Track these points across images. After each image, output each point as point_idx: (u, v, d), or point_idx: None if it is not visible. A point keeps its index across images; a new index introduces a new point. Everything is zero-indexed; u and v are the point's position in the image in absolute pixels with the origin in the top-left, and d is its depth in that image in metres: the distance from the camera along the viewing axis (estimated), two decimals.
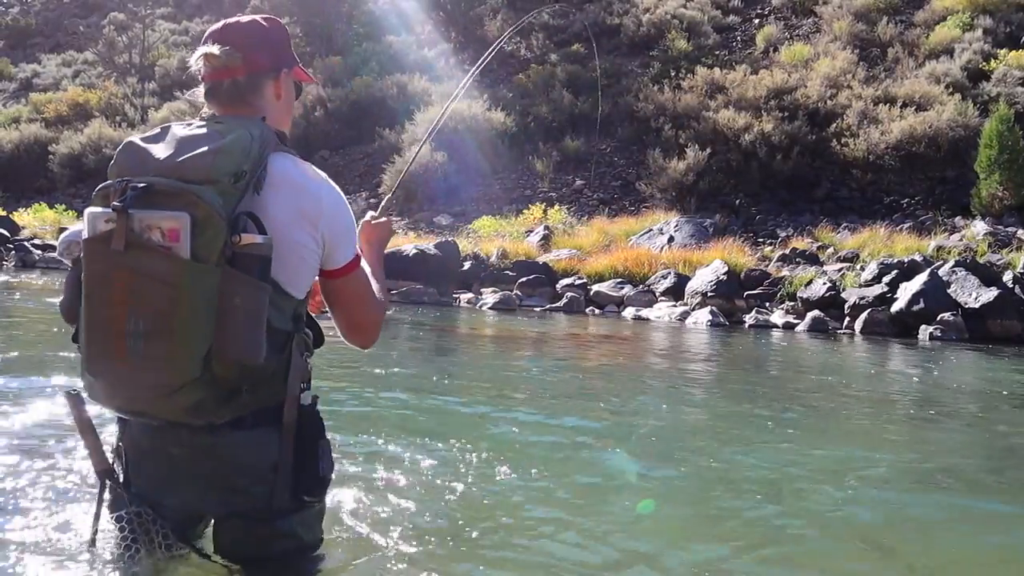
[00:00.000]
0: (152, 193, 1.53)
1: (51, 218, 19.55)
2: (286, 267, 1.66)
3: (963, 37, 18.11)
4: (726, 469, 3.43)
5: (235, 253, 1.53)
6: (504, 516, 2.65)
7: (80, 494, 2.52)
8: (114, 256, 1.53)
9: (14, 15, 41.28)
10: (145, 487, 1.77)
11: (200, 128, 1.66)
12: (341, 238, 1.76)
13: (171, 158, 1.60)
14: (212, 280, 1.52)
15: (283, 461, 1.70)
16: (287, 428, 1.70)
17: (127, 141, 1.71)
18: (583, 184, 17.91)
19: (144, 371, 1.55)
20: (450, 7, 26.21)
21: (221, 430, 1.66)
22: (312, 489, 1.75)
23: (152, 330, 1.52)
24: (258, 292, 1.56)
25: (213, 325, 1.53)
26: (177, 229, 1.50)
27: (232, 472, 1.70)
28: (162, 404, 1.59)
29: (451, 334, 8.78)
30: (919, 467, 3.72)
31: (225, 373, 1.56)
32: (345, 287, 1.82)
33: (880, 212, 14.62)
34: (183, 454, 1.69)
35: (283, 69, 1.84)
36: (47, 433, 3.31)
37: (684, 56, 20.61)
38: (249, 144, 1.60)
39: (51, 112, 26.99)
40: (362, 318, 1.88)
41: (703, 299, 11.25)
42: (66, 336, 1.83)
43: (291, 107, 1.90)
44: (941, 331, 9.47)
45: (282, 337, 1.68)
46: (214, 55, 1.75)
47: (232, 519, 1.75)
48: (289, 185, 1.67)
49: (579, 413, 4.57)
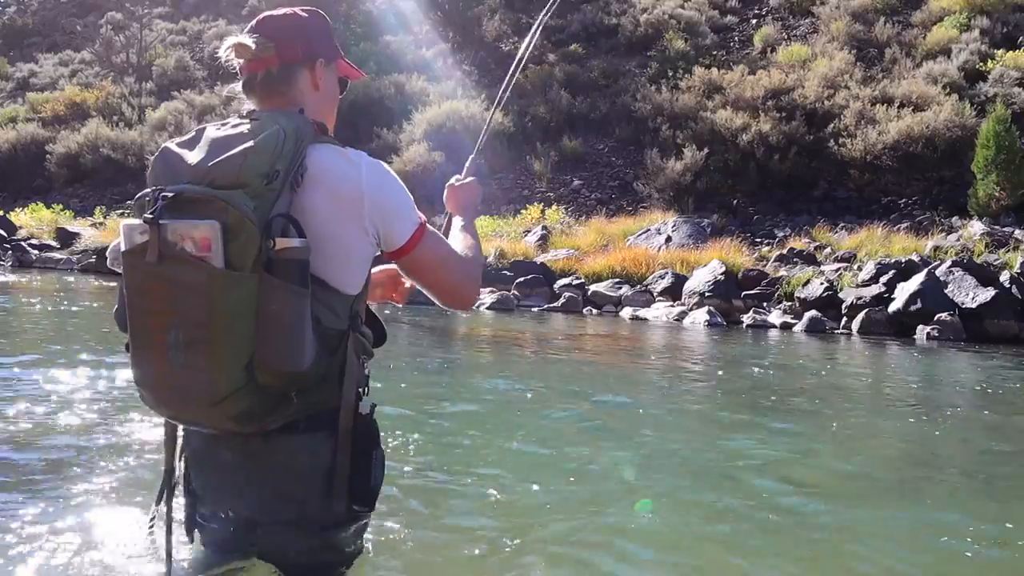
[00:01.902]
0: (182, 201, 1.48)
1: (48, 218, 19.51)
2: (332, 263, 1.61)
3: (960, 38, 18.13)
4: (724, 469, 3.43)
5: (271, 259, 1.48)
6: (505, 516, 2.65)
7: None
8: (149, 268, 1.50)
9: (11, 14, 41.20)
10: (200, 490, 1.75)
11: (233, 128, 1.61)
12: (393, 216, 1.67)
13: (202, 163, 1.55)
14: (249, 288, 1.47)
15: (339, 468, 1.63)
16: (343, 434, 1.63)
17: (163, 147, 1.65)
18: (581, 184, 17.91)
19: (187, 382, 1.51)
20: (448, 7, 26.19)
21: (273, 435, 1.61)
22: (364, 499, 1.67)
23: (191, 341, 1.49)
24: (297, 298, 1.50)
25: (253, 333, 1.48)
26: (208, 238, 1.46)
27: (283, 478, 1.65)
28: (208, 413, 1.55)
29: (449, 335, 8.77)
30: (919, 467, 3.72)
31: (269, 381, 1.51)
32: (418, 260, 1.73)
33: (877, 212, 14.64)
34: (235, 459, 1.66)
35: (319, 59, 1.77)
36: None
37: (682, 56, 20.61)
38: (280, 141, 1.54)
39: (48, 112, 26.94)
40: (448, 282, 1.78)
41: (700, 299, 11.25)
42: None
43: (332, 100, 1.83)
44: (938, 331, 9.48)
45: (335, 337, 1.62)
46: (244, 46, 1.70)
47: (280, 526, 1.68)
48: (328, 175, 1.61)
49: (577, 413, 4.57)
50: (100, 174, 23.12)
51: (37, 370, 4.74)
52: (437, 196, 2.16)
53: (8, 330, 7.08)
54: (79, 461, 2.96)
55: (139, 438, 3.29)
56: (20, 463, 2.91)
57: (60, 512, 2.40)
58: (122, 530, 2.27)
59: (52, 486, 2.65)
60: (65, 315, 8.52)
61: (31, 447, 3.12)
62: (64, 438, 3.25)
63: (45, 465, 2.89)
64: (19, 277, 13.46)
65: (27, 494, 2.57)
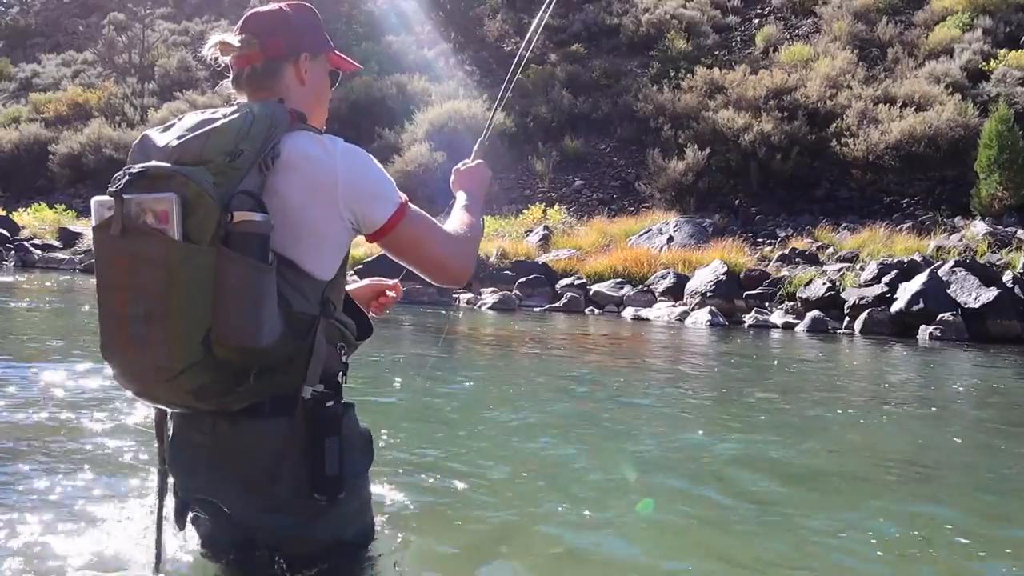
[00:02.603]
0: (147, 178, 1.52)
1: (51, 218, 19.55)
2: (304, 247, 1.63)
3: (963, 37, 18.11)
4: (725, 469, 3.43)
5: (230, 232, 1.50)
6: (506, 516, 2.65)
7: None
8: (113, 241, 1.54)
9: (14, 15, 41.26)
10: (175, 475, 1.75)
11: (209, 115, 1.65)
12: (369, 199, 1.68)
13: (170, 143, 1.60)
14: (206, 261, 1.49)
15: (285, 453, 1.64)
16: (297, 419, 1.64)
17: (143, 134, 1.71)
18: (583, 184, 17.92)
19: (145, 355, 1.53)
20: (449, 7, 26.21)
21: (239, 418, 1.63)
22: (322, 488, 1.66)
23: (150, 314, 1.51)
24: (255, 273, 1.51)
25: (210, 307, 1.50)
26: (167, 211, 1.49)
27: (246, 463, 1.65)
28: (165, 388, 1.57)
29: (449, 334, 8.77)
30: (925, 468, 3.72)
31: (226, 356, 1.52)
32: (399, 240, 1.73)
33: (880, 212, 14.62)
34: (204, 441, 1.66)
35: (303, 53, 1.79)
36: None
37: (683, 56, 20.60)
38: (246, 124, 1.58)
39: (51, 112, 27.00)
40: (434, 259, 1.78)
41: (702, 299, 11.25)
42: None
43: (320, 92, 1.84)
44: (941, 331, 9.47)
45: (305, 321, 1.62)
46: (227, 43, 1.75)
47: (255, 514, 1.69)
48: (302, 161, 1.63)
49: (577, 413, 4.58)
50: (102, 174, 23.11)
51: (37, 370, 4.75)
52: (439, 196, 2.16)
53: (8, 330, 7.10)
54: (75, 458, 2.96)
55: (138, 436, 3.29)
56: (19, 461, 2.91)
57: (60, 511, 2.40)
58: (121, 526, 2.28)
59: (53, 485, 2.65)
60: (66, 315, 8.54)
61: (31, 446, 3.12)
62: (62, 436, 3.26)
63: (43, 463, 2.90)
64: (22, 277, 13.48)
65: (28, 492, 2.57)
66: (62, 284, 12.55)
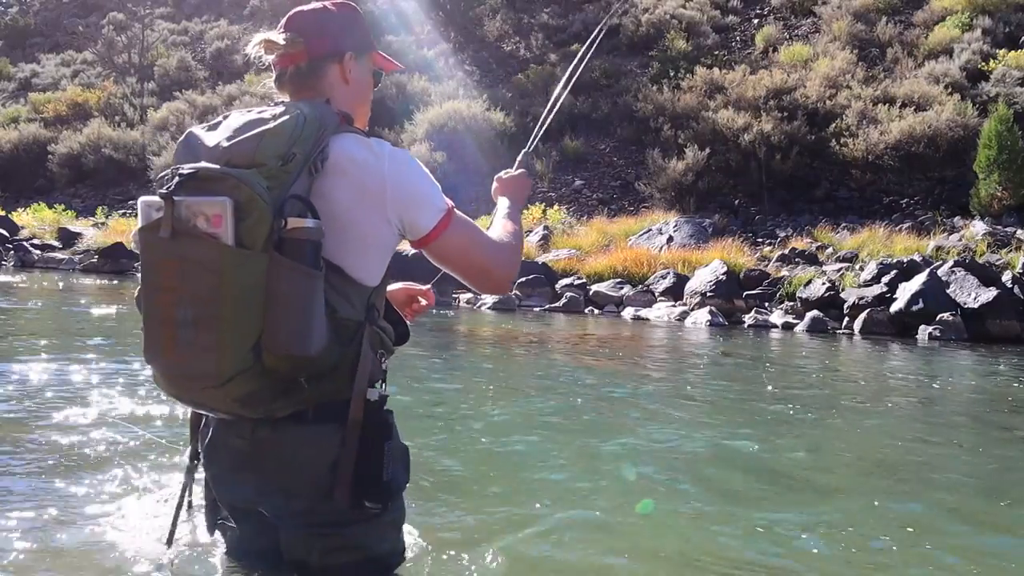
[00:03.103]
0: (198, 179, 1.49)
1: (50, 218, 19.54)
2: (351, 252, 1.61)
3: (962, 37, 18.11)
4: (725, 469, 3.43)
5: (283, 238, 1.47)
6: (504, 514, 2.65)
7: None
8: (162, 244, 1.50)
9: (13, 15, 41.25)
10: (211, 480, 1.73)
11: (257, 114, 1.61)
12: (417, 205, 1.66)
13: (220, 144, 1.57)
14: (258, 267, 1.46)
15: (344, 460, 1.60)
16: (352, 425, 1.60)
17: (188, 131, 1.67)
18: (582, 184, 17.91)
19: (193, 361, 1.50)
20: (449, 7, 26.21)
21: (282, 424, 1.59)
22: (374, 495, 1.62)
23: (199, 319, 1.48)
24: (307, 280, 1.48)
25: (262, 314, 1.47)
26: (220, 215, 1.46)
27: (289, 470, 1.62)
28: (212, 395, 1.54)
29: (450, 334, 8.78)
30: (922, 468, 3.72)
31: (276, 364, 1.49)
32: (444, 247, 1.70)
33: (879, 212, 14.62)
34: (243, 447, 1.63)
35: (348, 53, 1.76)
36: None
37: (683, 56, 20.60)
38: (299, 126, 1.54)
39: (50, 112, 26.97)
40: (478, 267, 1.76)
41: (702, 299, 11.25)
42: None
43: (364, 92, 1.82)
44: (940, 331, 9.47)
45: (351, 328, 1.60)
46: (272, 42, 1.71)
47: (296, 524, 1.65)
48: (350, 164, 1.60)
49: (576, 412, 4.58)
50: (102, 174, 23.15)
51: (36, 369, 4.75)
52: None
53: (9, 330, 7.09)
54: (84, 455, 2.96)
55: (138, 436, 3.29)
56: (21, 459, 2.91)
57: (60, 509, 2.40)
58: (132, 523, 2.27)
59: (53, 483, 2.65)
60: (65, 315, 8.53)
61: (31, 446, 3.12)
62: (67, 434, 3.25)
63: (50, 460, 2.90)
64: (21, 277, 13.48)
65: (29, 490, 2.57)
66: (66, 284, 12.55)
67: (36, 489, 2.62)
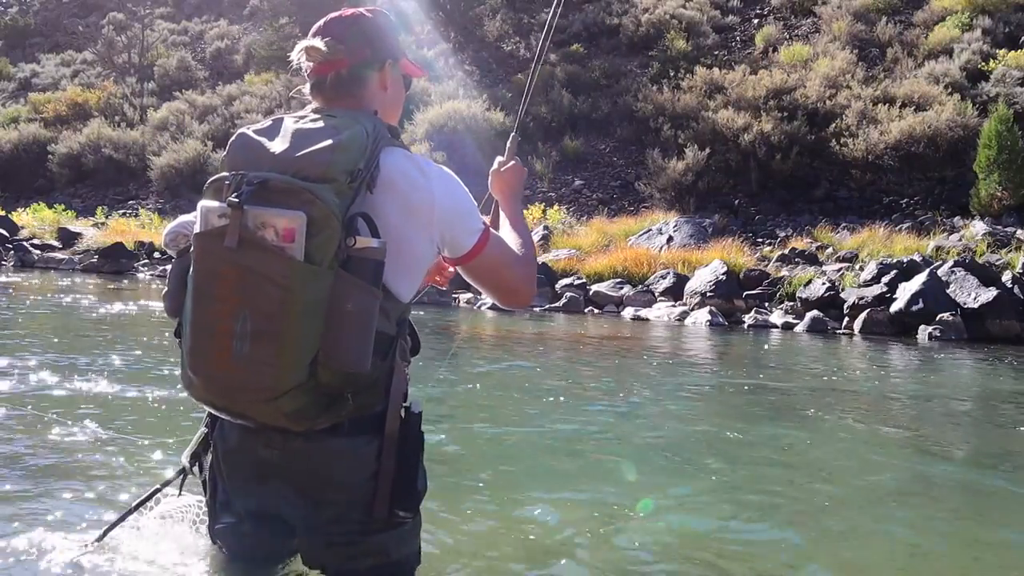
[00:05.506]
0: (269, 190, 1.46)
1: (50, 218, 19.53)
2: (398, 270, 1.59)
3: (962, 37, 18.11)
4: (725, 469, 3.43)
5: (349, 256, 1.46)
6: (502, 514, 2.65)
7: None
8: (226, 253, 1.47)
9: (13, 15, 41.24)
10: (230, 491, 1.71)
11: (314, 122, 1.59)
12: (460, 225, 1.67)
13: (287, 153, 1.53)
14: (324, 284, 1.45)
15: (384, 472, 1.60)
16: (390, 437, 1.60)
17: (240, 133, 1.63)
18: (582, 184, 17.92)
19: (248, 374, 1.48)
20: (449, 7, 26.21)
21: (316, 436, 1.58)
22: (407, 504, 1.63)
23: (259, 332, 1.46)
24: (370, 298, 1.48)
25: (321, 330, 1.46)
26: (293, 229, 1.44)
27: (323, 480, 1.61)
28: (262, 408, 1.51)
29: (450, 334, 8.78)
30: (922, 468, 3.72)
31: (330, 380, 1.48)
32: (480, 266, 1.72)
33: (879, 212, 14.63)
34: (272, 457, 1.61)
35: (387, 60, 1.75)
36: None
37: (683, 56, 20.60)
38: (365, 141, 1.53)
39: (50, 112, 26.96)
40: (508, 285, 1.78)
41: (702, 299, 11.25)
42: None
43: (399, 100, 1.82)
44: (940, 331, 9.47)
45: (386, 342, 1.59)
46: (315, 48, 1.68)
47: (321, 532, 1.65)
48: (401, 181, 1.59)
49: (576, 413, 4.58)
50: (102, 174, 23.15)
51: (36, 368, 4.75)
52: None
53: (9, 329, 7.09)
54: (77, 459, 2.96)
55: (139, 435, 3.29)
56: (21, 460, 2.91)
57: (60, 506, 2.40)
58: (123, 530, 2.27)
59: (54, 481, 2.65)
60: (67, 315, 8.53)
61: (31, 445, 3.12)
62: (62, 436, 3.25)
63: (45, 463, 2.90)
64: (22, 277, 13.48)
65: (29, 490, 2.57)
66: (65, 284, 12.55)
67: (30, 490, 2.62)
